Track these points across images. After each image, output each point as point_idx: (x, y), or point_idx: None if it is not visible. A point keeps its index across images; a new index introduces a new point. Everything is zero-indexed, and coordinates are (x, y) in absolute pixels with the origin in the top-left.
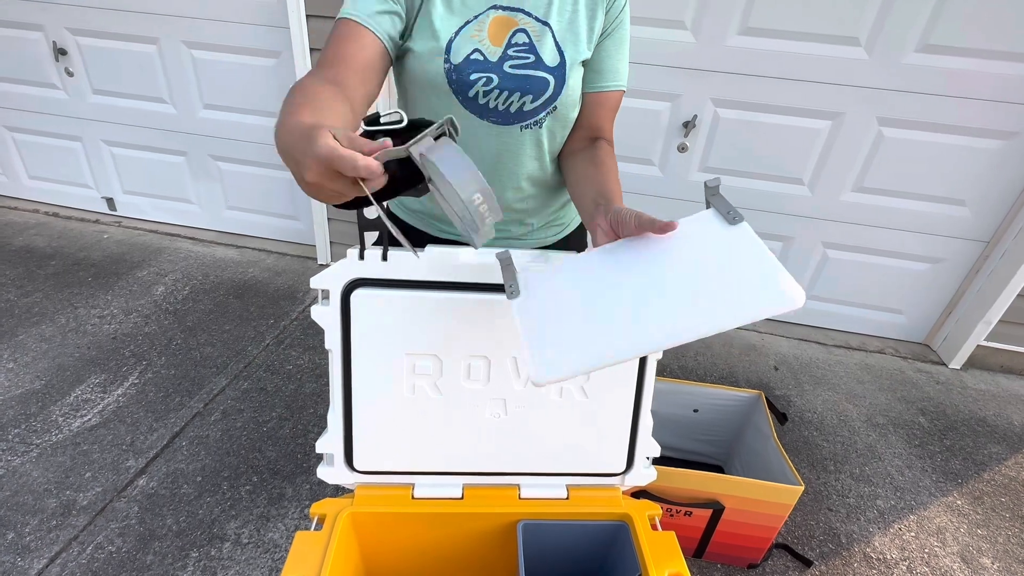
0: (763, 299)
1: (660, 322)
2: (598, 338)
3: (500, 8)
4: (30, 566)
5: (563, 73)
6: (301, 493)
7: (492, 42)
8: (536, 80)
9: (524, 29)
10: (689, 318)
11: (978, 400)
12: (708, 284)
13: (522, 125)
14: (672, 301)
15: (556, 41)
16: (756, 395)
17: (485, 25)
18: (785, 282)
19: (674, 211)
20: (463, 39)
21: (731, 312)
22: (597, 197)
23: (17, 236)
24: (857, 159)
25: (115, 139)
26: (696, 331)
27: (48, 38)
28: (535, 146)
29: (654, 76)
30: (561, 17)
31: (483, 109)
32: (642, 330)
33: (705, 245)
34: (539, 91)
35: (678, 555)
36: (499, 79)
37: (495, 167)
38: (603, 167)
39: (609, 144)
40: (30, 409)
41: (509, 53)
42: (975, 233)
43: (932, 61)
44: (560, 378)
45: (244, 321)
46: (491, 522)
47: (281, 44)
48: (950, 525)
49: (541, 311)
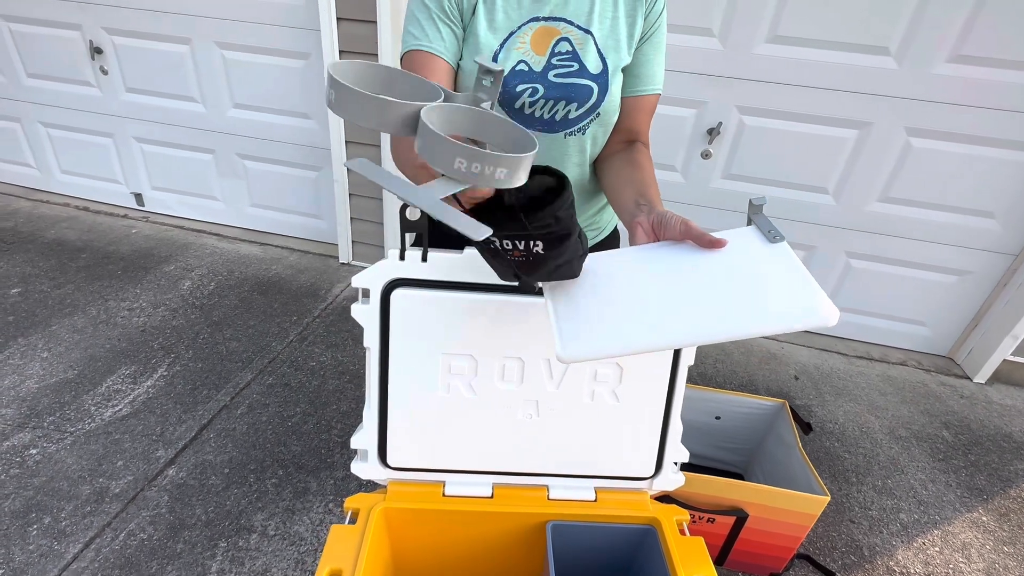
0: (796, 312)
1: (691, 319)
2: (628, 326)
3: (541, 19)
4: (66, 550)
5: (606, 80)
6: (325, 488)
7: (536, 52)
8: (580, 88)
9: (567, 38)
10: (720, 320)
11: (1004, 415)
12: (742, 292)
13: (567, 132)
14: (705, 302)
15: (599, 48)
16: (780, 404)
17: (528, 37)
18: (820, 299)
19: (695, 217)
20: (507, 52)
21: (762, 320)
22: (639, 198)
23: (49, 229)
24: (884, 169)
25: (145, 136)
26: (726, 332)
27: (85, 37)
28: (579, 152)
29: (680, 83)
30: (602, 24)
31: (528, 119)
32: (673, 324)
33: (743, 257)
34: (584, 99)
35: (707, 561)
36: (544, 88)
37: None
38: (642, 169)
39: (646, 147)
40: (64, 398)
41: (553, 62)
42: (1003, 246)
43: (963, 72)
44: (586, 357)
45: (268, 317)
46: (520, 522)
47: (311, 46)
48: (975, 541)
49: (572, 295)
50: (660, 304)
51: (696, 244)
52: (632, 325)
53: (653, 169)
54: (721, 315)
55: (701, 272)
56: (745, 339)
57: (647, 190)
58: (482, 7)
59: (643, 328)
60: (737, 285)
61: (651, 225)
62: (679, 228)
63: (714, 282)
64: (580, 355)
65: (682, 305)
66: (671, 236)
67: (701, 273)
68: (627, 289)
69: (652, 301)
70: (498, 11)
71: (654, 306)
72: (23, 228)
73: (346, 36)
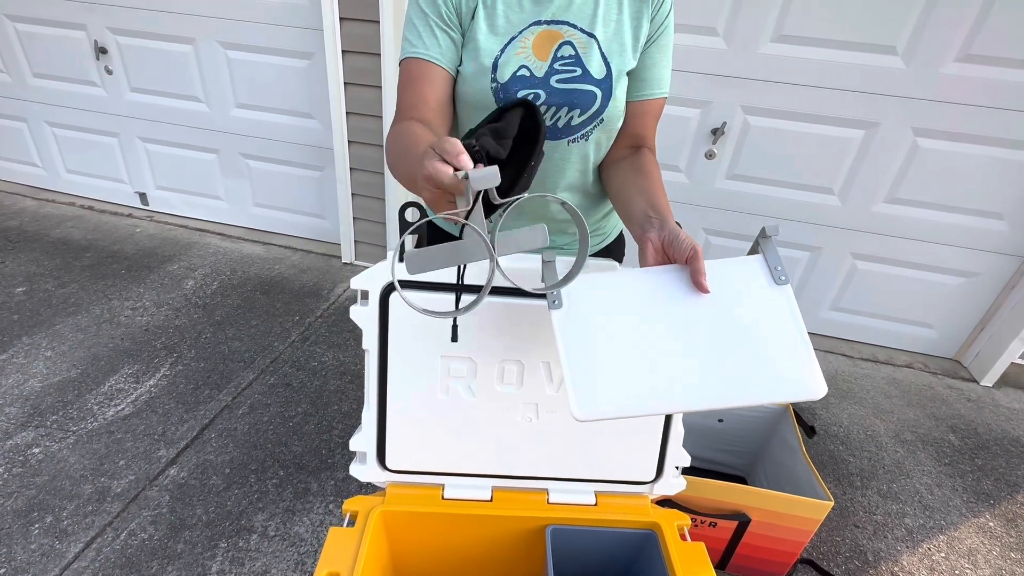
0: (787, 385)
1: (694, 384)
2: (639, 387)
3: (544, 23)
4: (67, 549)
5: (610, 85)
6: (326, 489)
7: (538, 57)
8: (583, 94)
9: (570, 42)
10: (718, 387)
11: (1011, 419)
12: (743, 352)
13: (569, 139)
14: (710, 363)
15: (602, 52)
16: (783, 407)
17: (530, 41)
18: (812, 373)
19: (699, 217)
20: (509, 56)
21: (755, 391)
22: (648, 209)
23: (55, 228)
24: (890, 170)
25: (150, 136)
26: (723, 401)
27: (90, 37)
28: (581, 159)
29: (685, 82)
30: (607, 28)
31: None
32: (680, 389)
33: (747, 300)
34: (587, 105)
35: (708, 567)
36: (546, 94)
37: (540, 181)
38: (649, 177)
39: (652, 152)
40: (67, 396)
41: (556, 67)
42: (1012, 247)
43: (972, 71)
44: (600, 418)
45: (270, 317)
46: (519, 525)
47: (314, 46)
48: (982, 547)
49: (583, 332)
50: (669, 362)
51: (694, 282)
52: (643, 387)
53: (661, 177)
54: (722, 382)
55: (708, 316)
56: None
57: (657, 201)
58: (482, 11)
59: (653, 391)
60: (738, 341)
61: (662, 243)
62: (687, 255)
63: (718, 334)
64: (595, 416)
65: (689, 366)
66: (679, 260)
67: (708, 318)
68: (638, 330)
69: (662, 353)
70: (499, 15)
71: (663, 364)
72: (28, 227)
73: (349, 36)
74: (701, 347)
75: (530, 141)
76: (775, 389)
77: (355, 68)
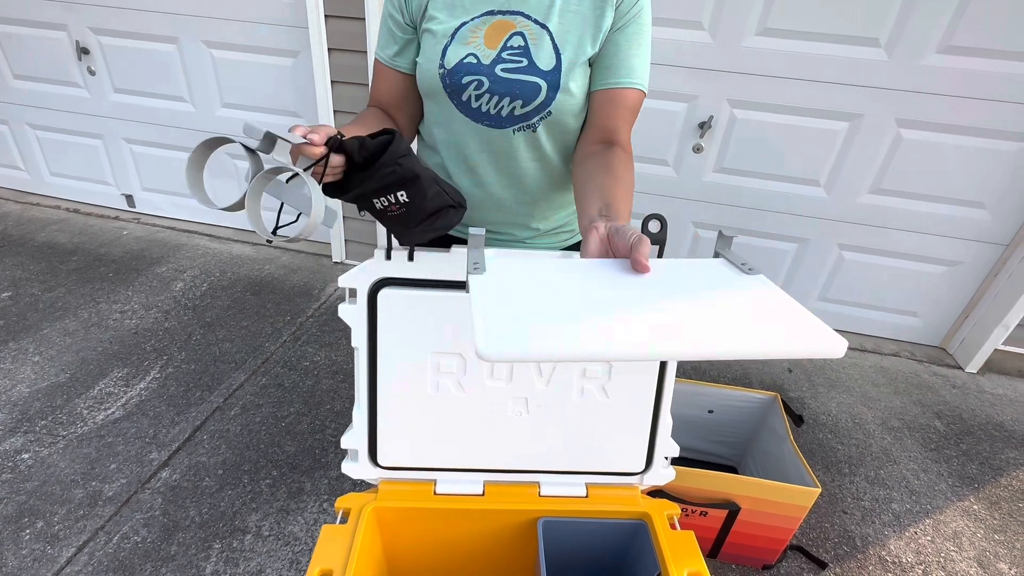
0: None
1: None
2: (567, 328)
3: (497, 13)
4: (59, 554)
5: (557, 78)
6: (320, 488)
7: (487, 45)
8: (526, 85)
9: (521, 32)
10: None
11: (995, 405)
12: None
13: (515, 128)
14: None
15: (555, 44)
16: (772, 397)
17: (482, 30)
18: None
19: (688, 211)
20: (458, 43)
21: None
22: (603, 207)
23: (40, 232)
24: (875, 161)
25: (135, 137)
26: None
27: (71, 37)
28: (532, 148)
29: (670, 77)
30: (563, 18)
31: (476, 113)
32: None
33: (720, 287)
34: (528, 96)
35: (697, 555)
36: (490, 82)
37: (495, 168)
38: (614, 175)
39: (625, 151)
40: (56, 401)
41: (503, 56)
42: (994, 236)
43: (953, 62)
44: (511, 357)
45: (261, 317)
46: (511, 519)
47: (300, 44)
48: (967, 530)
49: (502, 293)
50: (615, 315)
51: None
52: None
53: (631, 179)
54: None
55: (672, 294)
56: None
57: (615, 201)
58: (433, 4)
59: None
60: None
61: (607, 233)
62: (631, 240)
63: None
64: (505, 354)
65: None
66: (621, 248)
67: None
68: (569, 298)
69: (602, 312)
70: (454, 2)
71: (606, 316)
72: (13, 231)
73: (335, 33)
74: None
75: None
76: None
77: (341, 66)
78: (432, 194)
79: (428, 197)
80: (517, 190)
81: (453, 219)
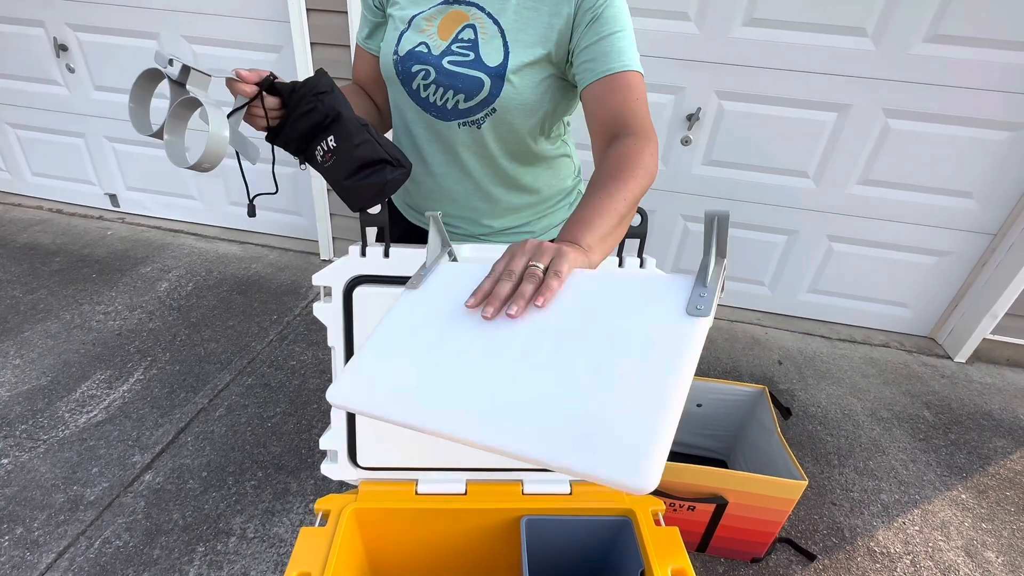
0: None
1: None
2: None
3: (454, 2)
4: (39, 560)
5: (502, 74)
6: (306, 488)
7: (440, 36)
8: (468, 79)
9: (473, 25)
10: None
11: (983, 394)
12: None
13: (460, 122)
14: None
15: (505, 40)
16: (760, 390)
17: (438, 20)
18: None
19: (676, 205)
20: (413, 31)
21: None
22: (566, 230)
23: (21, 233)
24: (863, 151)
25: (117, 135)
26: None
27: (49, 34)
28: (476, 144)
29: (658, 68)
30: (517, 15)
31: (425, 103)
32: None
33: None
34: (471, 91)
35: (681, 551)
36: (436, 73)
37: (444, 160)
38: (595, 184)
39: (632, 136)
40: (37, 405)
41: (452, 48)
42: (982, 226)
43: (940, 51)
44: (351, 409)
45: (248, 317)
46: (495, 518)
47: (282, 39)
48: (954, 519)
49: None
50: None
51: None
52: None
53: (630, 165)
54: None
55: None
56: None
57: (579, 213)
58: None
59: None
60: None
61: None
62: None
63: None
64: (345, 405)
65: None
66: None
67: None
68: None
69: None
70: None
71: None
72: None
73: (317, 27)
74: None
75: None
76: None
77: (325, 60)
78: (360, 140)
79: (355, 143)
80: (468, 184)
81: (390, 177)
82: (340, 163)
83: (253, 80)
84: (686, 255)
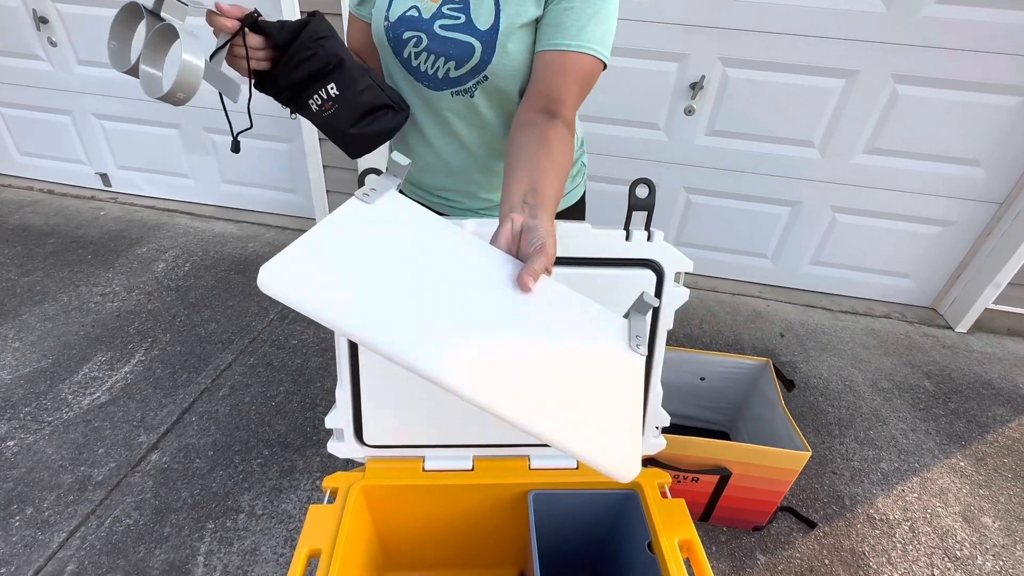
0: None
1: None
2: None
3: None
4: (51, 539)
5: (494, 39)
6: (312, 465)
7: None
8: (459, 45)
9: None
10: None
11: (984, 363)
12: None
13: (452, 91)
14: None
15: (497, 2)
16: (763, 362)
17: None
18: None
19: (680, 176)
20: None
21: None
22: (529, 193)
23: (13, 214)
24: (870, 119)
25: (105, 112)
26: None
27: (27, 5)
28: (471, 114)
29: (661, 35)
30: None
31: (416, 72)
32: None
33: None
34: (462, 57)
35: (688, 522)
36: (428, 39)
37: (440, 131)
38: (548, 153)
39: (567, 127)
40: (39, 387)
41: (443, 11)
42: (988, 194)
43: (952, 12)
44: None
45: (247, 296)
46: (502, 493)
47: (271, 8)
48: (952, 486)
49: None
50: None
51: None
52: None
53: (568, 160)
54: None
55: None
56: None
57: (544, 185)
58: None
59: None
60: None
61: (521, 228)
62: (535, 247)
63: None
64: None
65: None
66: (524, 251)
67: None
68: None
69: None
70: None
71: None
72: None
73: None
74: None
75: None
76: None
77: None
78: (363, 86)
79: (359, 89)
80: (465, 156)
81: (392, 122)
82: (343, 111)
83: (235, 15)
84: (688, 227)
